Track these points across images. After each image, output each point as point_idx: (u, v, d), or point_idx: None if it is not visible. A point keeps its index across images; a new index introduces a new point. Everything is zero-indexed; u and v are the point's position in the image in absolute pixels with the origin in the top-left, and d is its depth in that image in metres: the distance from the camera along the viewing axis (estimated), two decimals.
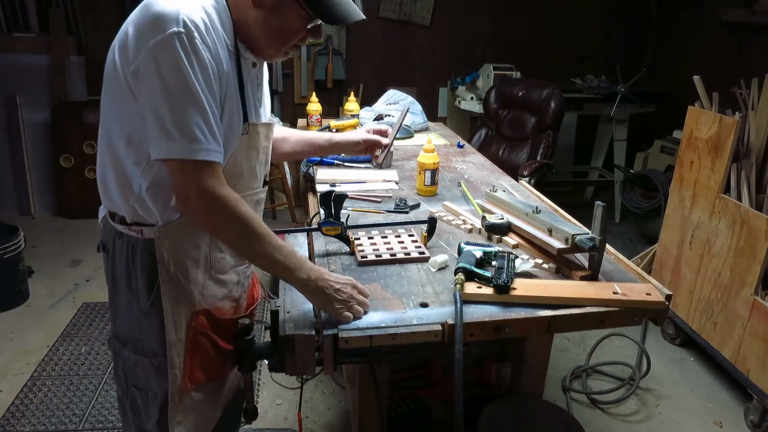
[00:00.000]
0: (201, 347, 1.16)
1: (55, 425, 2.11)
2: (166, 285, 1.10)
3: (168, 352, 1.12)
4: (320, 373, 1.17)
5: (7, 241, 2.78)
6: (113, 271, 1.16)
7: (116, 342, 1.21)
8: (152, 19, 0.95)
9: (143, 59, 0.95)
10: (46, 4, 3.89)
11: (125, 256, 1.12)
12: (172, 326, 1.12)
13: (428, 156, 1.88)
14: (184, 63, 0.95)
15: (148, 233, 1.09)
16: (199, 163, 0.99)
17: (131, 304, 1.14)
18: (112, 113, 1.06)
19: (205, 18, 0.99)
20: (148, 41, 0.95)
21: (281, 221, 3.99)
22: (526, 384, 1.74)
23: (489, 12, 4.57)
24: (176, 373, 1.13)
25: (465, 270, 1.24)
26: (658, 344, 2.75)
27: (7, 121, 3.89)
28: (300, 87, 4.47)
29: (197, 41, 0.96)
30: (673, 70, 4.56)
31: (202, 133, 0.98)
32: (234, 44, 1.08)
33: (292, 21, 1.07)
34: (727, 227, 2.31)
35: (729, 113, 2.35)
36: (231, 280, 1.23)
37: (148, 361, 1.16)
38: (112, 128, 1.06)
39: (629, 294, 1.23)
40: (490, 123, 3.52)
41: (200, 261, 1.14)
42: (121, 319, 1.18)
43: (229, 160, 1.10)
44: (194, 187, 1.00)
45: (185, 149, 0.97)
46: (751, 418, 2.21)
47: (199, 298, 1.15)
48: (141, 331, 1.15)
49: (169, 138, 0.97)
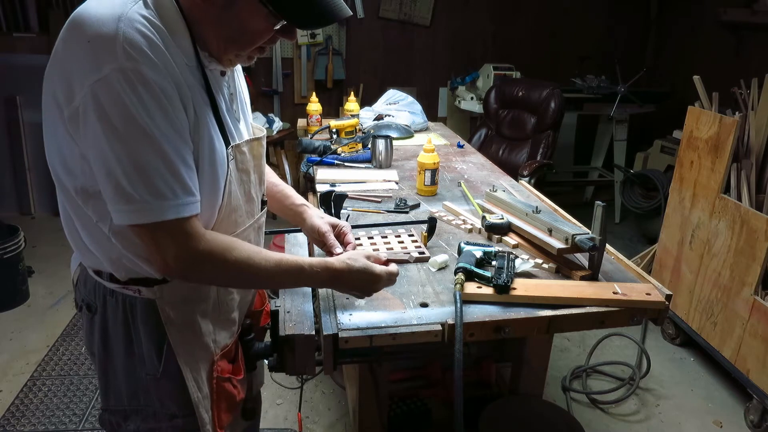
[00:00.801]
0: (225, 391, 1.08)
1: (55, 425, 2.11)
2: (179, 346, 0.98)
3: (196, 411, 1.01)
4: (320, 373, 1.17)
5: (7, 241, 2.78)
6: (103, 335, 1.00)
7: (113, 417, 1.05)
8: (85, 49, 0.78)
9: (82, 102, 0.78)
10: (46, 4, 3.89)
11: (122, 317, 0.98)
12: (194, 386, 1.00)
13: (428, 156, 1.88)
14: (135, 105, 0.78)
15: (147, 293, 0.96)
16: (170, 223, 0.83)
17: (132, 369, 1.00)
18: (56, 158, 0.88)
19: (151, 36, 0.81)
20: (85, 80, 0.77)
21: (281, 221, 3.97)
22: (526, 384, 1.74)
23: (489, 12, 4.57)
24: (208, 429, 1.04)
25: (465, 270, 1.24)
26: (658, 344, 2.75)
27: (7, 121, 3.89)
28: (300, 87, 4.47)
29: (146, 74, 0.78)
30: (673, 70, 4.56)
31: (166, 185, 0.81)
32: (195, 56, 0.89)
33: (252, 21, 0.88)
34: (727, 227, 2.31)
35: (729, 113, 2.35)
36: (236, 318, 1.13)
37: (166, 425, 1.04)
38: (63, 178, 0.90)
39: (629, 294, 1.23)
40: (490, 123, 3.52)
41: (208, 311, 1.03)
42: (117, 389, 1.03)
43: (225, 195, 0.95)
44: (171, 252, 0.85)
45: (150, 211, 0.81)
46: (751, 418, 2.21)
47: (214, 347, 1.05)
48: (150, 396, 1.02)
49: (129, 200, 0.80)
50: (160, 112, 0.80)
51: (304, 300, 1.24)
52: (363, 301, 1.22)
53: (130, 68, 0.77)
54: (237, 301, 1.12)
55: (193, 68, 0.89)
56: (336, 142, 2.39)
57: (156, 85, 0.80)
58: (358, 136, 2.46)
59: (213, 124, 0.92)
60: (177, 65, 0.85)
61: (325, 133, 2.52)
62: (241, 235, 1.04)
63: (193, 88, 0.89)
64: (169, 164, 0.82)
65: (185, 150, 0.85)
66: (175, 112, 0.83)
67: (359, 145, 2.39)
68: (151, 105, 0.79)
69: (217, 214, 0.96)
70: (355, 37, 4.45)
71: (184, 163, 0.85)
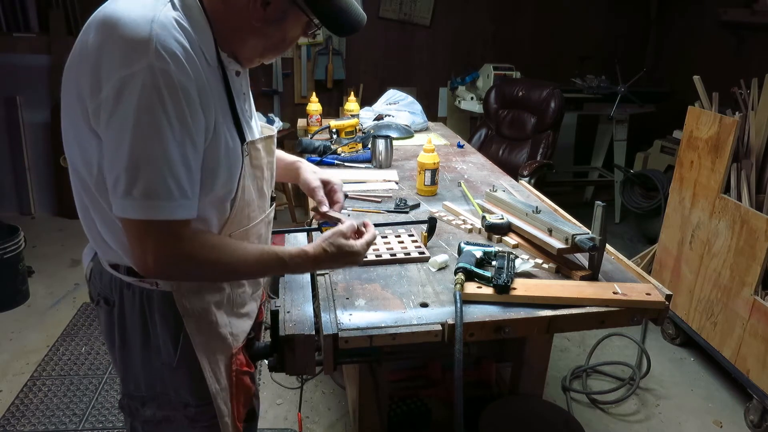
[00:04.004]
0: (243, 385, 1.11)
1: (55, 425, 2.11)
2: (196, 337, 1.01)
3: (214, 402, 1.05)
4: (320, 373, 1.17)
5: (7, 241, 2.78)
6: (122, 327, 1.03)
7: (132, 402, 1.10)
8: (118, 45, 0.80)
9: (106, 94, 0.81)
10: (46, 4, 3.89)
11: (139, 310, 1.00)
12: (212, 377, 1.04)
13: (428, 156, 1.88)
14: (156, 104, 0.80)
15: (164, 285, 0.99)
16: (159, 223, 0.85)
17: (149, 358, 1.04)
18: (75, 151, 0.91)
19: (182, 40, 0.84)
20: (114, 75, 0.80)
21: (281, 221, 3.99)
22: (526, 384, 1.74)
23: (489, 12, 4.57)
24: (227, 421, 1.07)
25: (465, 270, 1.24)
26: (658, 344, 2.75)
27: (7, 121, 3.89)
28: (300, 87, 4.47)
29: (173, 76, 0.81)
30: (673, 70, 4.56)
31: (164, 185, 0.83)
32: (216, 57, 0.93)
33: (294, 30, 0.97)
34: (727, 227, 2.31)
35: (729, 113, 2.35)
36: (252, 309, 1.17)
37: (180, 414, 1.08)
38: (79, 168, 0.92)
39: (629, 294, 1.24)
40: (490, 123, 3.52)
41: (223, 302, 1.06)
42: (135, 376, 1.07)
43: (239, 191, 1.00)
44: (153, 252, 0.86)
45: (142, 209, 0.83)
46: (751, 418, 2.21)
47: (232, 339, 1.08)
48: (166, 385, 1.06)
49: (125, 193, 0.82)
50: (176, 115, 0.82)
51: (304, 300, 1.24)
52: (363, 301, 1.22)
53: (158, 68, 0.80)
54: (249, 294, 1.14)
55: (214, 68, 0.93)
56: (336, 142, 2.39)
57: (179, 87, 0.82)
58: (358, 136, 2.46)
59: (230, 122, 0.96)
60: (201, 66, 0.87)
61: (325, 133, 2.52)
62: (253, 229, 1.07)
63: (214, 88, 0.92)
64: (171, 166, 0.83)
65: (193, 155, 0.87)
66: (193, 115, 0.85)
67: (359, 145, 2.39)
68: (170, 106, 0.82)
69: (231, 209, 1.00)
70: (355, 37, 4.44)
71: (187, 167, 0.86)
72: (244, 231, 1.05)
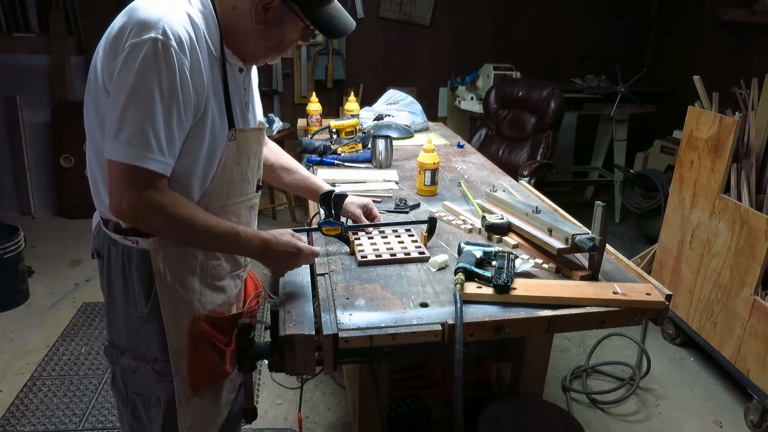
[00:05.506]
0: (202, 353, 1.17)
1: (55, 425, 2.11)
2: (164, 295, 1.10)
3: (171, 359, 1.13)
4: (320, 373, 1.18)
5: (7, 241, 2.78)
6: (108, 279, 1.16)
7: (113, 350, 1.20)
8: (134, 23, 0.96)
9: (119, 59, 0.96)
10: (46, 4, 3.89)
11: (121, 264, 1.12)
12: (173, 334, 1.12)
13: (428, 156, 1.88)
14: (153, 69, 0.94)
15: (143, 243, 1.09)
16: (136, 169, 0.96)
17: (128, 311, 1.14)
18: (93, 116, 1.05)
19: (189, 30, 1.00)
20: (125, 43, 0.95)
21: (281, 221, 3.99)
22: (526, 384, 1.74)
23: (489, 12, 4.57)
24: (181, 381, 1.14)
25: (465, 270, 1.24)
26: (658, 344, 2.75)
27: (7, 121, 3.89)
28: (300, 87, 4.47)
29: (173, 51, 0.96)
30: (673, 70, 4.56)
31: (145, 139, 0.96)
32: (220, 51, 1.08)
33: (292, 33, 1.12)
34: (727, 227, 2.31)
35: (729, 113, 2.35)
36: (228, 285, 1.23)
37: (149, 366, 1.16)
38: (95, 132, 1.05)
39: (629, 294, 1.24)
40: (490, 123, 3.52)
41: (196, 269, 1.14)
42: (118, 326, 1.18)
43: (219, 168, 1.11)
44: (127, 195, 0.98)
45: (127, 153, 0.96)
46: (751, 418, 2.21)
47: (198, 305, 1.15)
48: (140, 338, 1.15)
49: (115, 138, 0.96)
50: (168, 84, 0.96)
51: (304, 300, 1.24)
52: (363, 301, 1.22)
53: (162, 41, 0.95)
54: (227, 270, 1.21)
55: (216, 60, 1.08)
56: (336, 142, 2.39)
57: (177, 62, 0.96)
58: (358, 136, 2.46)
59: (222, 107, 1.09)
60: (202, 55, 1.02)
61: (325, 133, 2.52)
62: (232, 207, 1.17)
63: (211, 74, 1.06)
64: (153, 123, 0.96)
65: (176, 122, 0.99)
66: (184, 90, 0.99)
67: (359, 145, 2.39)
68: (164, 75, 0.95)
69: (210, 181, 1.11)
70: (355, 37, 4.44)
71: (168, 129, 0.98)
72: (221, 206, 1.14)
